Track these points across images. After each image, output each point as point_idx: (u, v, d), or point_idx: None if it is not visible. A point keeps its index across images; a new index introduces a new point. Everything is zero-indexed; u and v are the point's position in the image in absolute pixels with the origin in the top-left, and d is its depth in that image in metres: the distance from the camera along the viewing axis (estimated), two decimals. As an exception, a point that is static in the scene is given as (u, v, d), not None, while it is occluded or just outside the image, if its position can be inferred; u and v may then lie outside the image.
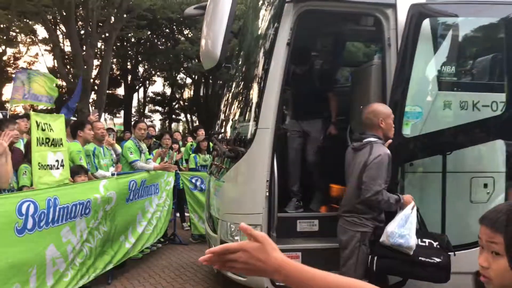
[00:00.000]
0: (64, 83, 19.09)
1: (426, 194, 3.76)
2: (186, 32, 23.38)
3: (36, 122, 4.40)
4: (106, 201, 4.56)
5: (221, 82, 20.32)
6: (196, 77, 25.30)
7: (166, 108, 31.51)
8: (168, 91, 31.56)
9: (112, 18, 17.50)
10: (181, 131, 30.37)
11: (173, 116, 32.20)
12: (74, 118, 10.36)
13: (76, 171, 4.76)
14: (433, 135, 3.63)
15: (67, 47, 21.41)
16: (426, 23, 3.63)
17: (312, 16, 4.05)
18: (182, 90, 31.37)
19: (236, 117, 4.62)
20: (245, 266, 0.97)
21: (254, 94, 4.08)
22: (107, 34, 17.90)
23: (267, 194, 3.70)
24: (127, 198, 5.20)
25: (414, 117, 3.61)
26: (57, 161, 4.57)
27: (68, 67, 20.79)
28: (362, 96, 4.13)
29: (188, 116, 30.62)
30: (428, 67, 3.73)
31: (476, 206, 3.72)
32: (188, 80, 29.12)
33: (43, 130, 4.48)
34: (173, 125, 34.26)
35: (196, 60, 19.93)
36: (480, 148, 3.82)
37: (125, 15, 17.77)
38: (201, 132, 8.46)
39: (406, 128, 3.57)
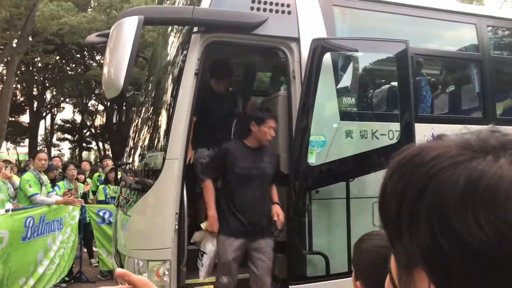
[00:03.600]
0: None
1: (332, 220, 3.88)
2: (98, 57, 22.57)
3: None
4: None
5: (134, 109, 19.77)
6: (109, 103, 24.38)
7: (76, 136, 29.92)
8: (78, 118, 30.06)
9: (15, 41, 16.40)
10: (93, 160, 28.94)
11: (84, 144, 30.63)
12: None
13: None
14: (336, 163, 3.78)
15: (-38, 70, 19.65)
16: (327, 56, 3.83)
17: (220, 47, 4.09)
18: (94, 117, 30.05)
19: (144, 147, 4.48)
20: None
21: (162, 123, 3.98)
22: (9, 58, 16.71)
23: (177, 227, 3.58)
24: (23, 236, 4.76)
25: (319, 145, 3.74)
26: None
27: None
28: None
29: (100, 144, 29.29)
30: (331, 98, 3.90)
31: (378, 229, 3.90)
32: (100, 107, 28.00)
33: None
34: (84, 153, 32.58)
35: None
36: (380, 174, 4.04)
37: (30, 39, 16.75)
38: (108, 162, 8.08)
39: (311, 156, 3.68)
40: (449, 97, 4.95)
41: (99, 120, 30.62)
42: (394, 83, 4.19)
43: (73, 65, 24.01)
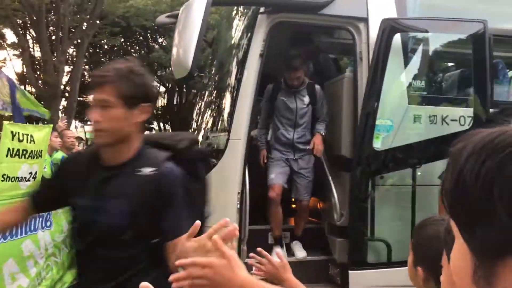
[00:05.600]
0: (34, 89, 18.56)
1: (396, 207, 3.78)
2: (160, 40, 23.19)
3: (12, 132, 4.18)
4: (68, 212, 4.38)
5: (195, 91, 20.23)
6: (170, 85, 25.08)
7: (139, 116, 31.04)
8: (141, 99, 31.12)
9: (85, 24, 17.18)
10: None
11: (146, 124, 31.76)
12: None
13: None
14: (403, 149, 3.66)
15: (37, 52, 20.87)
16: (397, 37, 3.68)
17: (285, 27, 4.05)
18: (156, 99, 31.03)
19: (208, 128, 4.56)
20: (210, 283, 0.96)
21: (226, 104, 4.03)
22: (79, 40, 17.55)
23: (239, 206, 3.64)
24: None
25: (385, 130, 3.63)
26: (30, 173, 4.35)
27: (38, 72, 20.25)
28: (334, 109, 4.14)
29: (161, 124, 30.25)
30: (399, 81, 3.77)
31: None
32: (162, 89, 28.82)
33: (19, 141, 4.25)
34: (146, 133, 33.84)
35: (170, 69, 19.73)
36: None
37: (98, 22, 17.49)
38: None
39: (377, 141, 3.58)
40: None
41: (161, 101, 31.57)
42: (469, 66, 3.96)
43: (137, 47, 24.83)
